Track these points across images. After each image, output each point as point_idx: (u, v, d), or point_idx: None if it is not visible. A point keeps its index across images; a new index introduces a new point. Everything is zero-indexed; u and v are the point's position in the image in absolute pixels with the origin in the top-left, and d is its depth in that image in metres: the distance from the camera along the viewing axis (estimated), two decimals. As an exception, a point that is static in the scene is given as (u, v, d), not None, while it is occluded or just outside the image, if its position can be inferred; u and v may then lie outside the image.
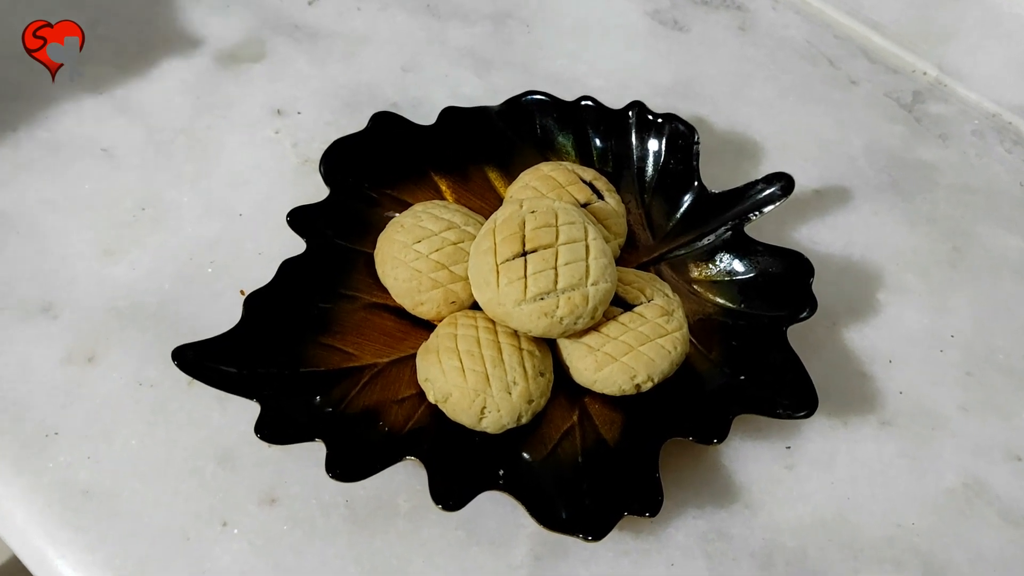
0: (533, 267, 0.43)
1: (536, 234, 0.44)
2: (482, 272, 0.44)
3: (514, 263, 0.44)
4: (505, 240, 0.44)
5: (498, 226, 0.45)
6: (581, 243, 0.44)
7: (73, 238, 0.52)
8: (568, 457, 0.45)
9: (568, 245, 0.44)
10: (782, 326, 0.48)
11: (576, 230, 0.45)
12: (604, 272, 0.44)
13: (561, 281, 0.44)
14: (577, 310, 0.44)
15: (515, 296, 0.44)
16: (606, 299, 0.45)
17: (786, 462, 0.48)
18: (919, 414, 0.50)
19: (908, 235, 0.58)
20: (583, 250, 0.44)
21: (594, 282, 0.44)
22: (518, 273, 0.43)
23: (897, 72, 0.67)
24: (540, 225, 0.45)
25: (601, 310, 0.45)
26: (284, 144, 0.58)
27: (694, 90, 0.65)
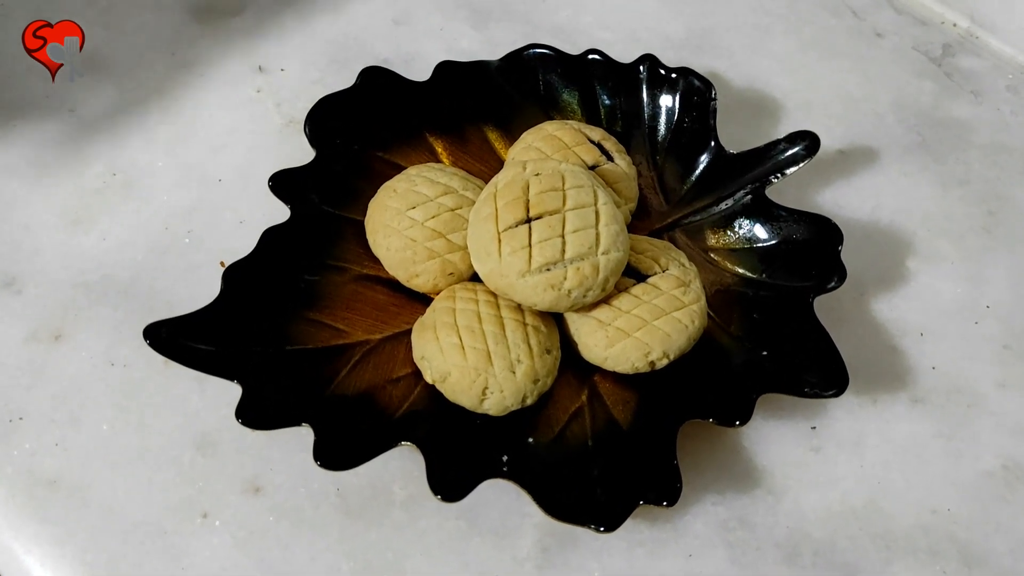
0: (538, 235, 0.41)
1: (541, 199, 0.41)
2: (482, 241, 0.42)
3: (517, 230, 0.41)
4: (507, 205, 0.41)
5: (499, 190, 0.42)
6: (590, 208, 0.41)
7: (38, 207, 0.49)
8: (577, 441, 0.42)
9: (576, 211, 0.41)
10: (808, 297, 0.45)
11: (585, 194, 0.42)
12: (616, 240, 0.41)
13: (569, 250, 0.41)
14: (587, 281, 0.41)
15: (519, 267, 0.41)
16: (618, 269, 0.42)
17: (811, 444, 0.46)
18: (953, 391, 0.48)
19: (940, 199, 0.55)
20: (592, 216, 0.41)
21: (605, 251, 0.41)
22: (522, 242, 0.41)
23: (926, 24, 0.64)
24: (545, 189, 0.41)
25: (613, 281, 0.42)
26: (266, 104, 0.55)
27: (709, 43, 0.61)
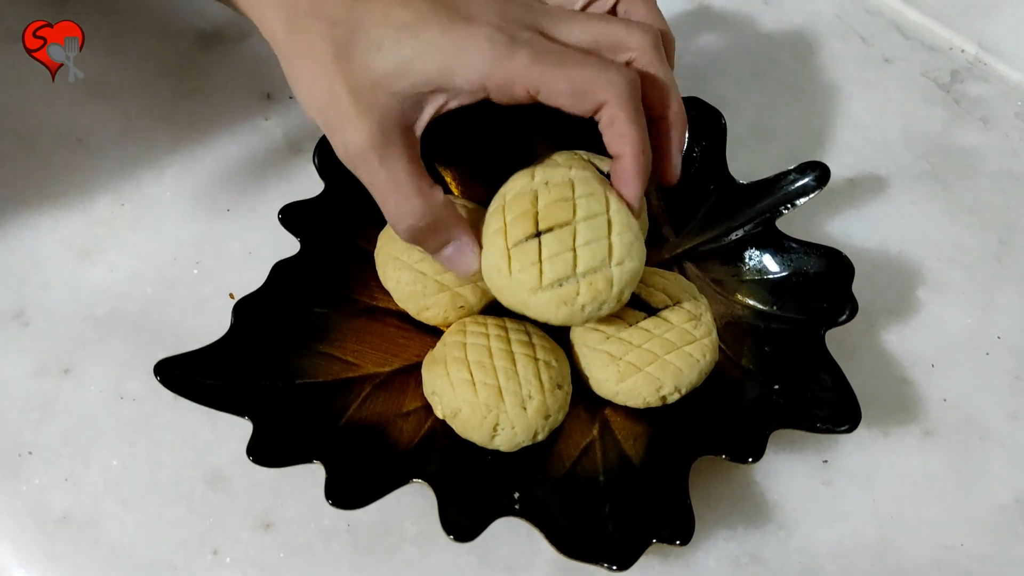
0: (549, 250, 0.39)
1: (551, 210, 0.40)
2: (492, 257, 0.41)
3: (527, 245, 0.40)
4: (516, 219, 0.40)
5: (508, 203, 0.41)
6: (602, 217, 0.40)
7: (46, 238, 0.50)
8: (588, 476, 0.42)
9: (587, 221, 0.40)
10: (819, 330, 0.45)
11: (595, 203, 0.40)
12: (630, 249, 0.40)
13: (581, 264, 0.39)
14: (600, 296, 0.40)
15: (530, 283, 0.40)
16: (633, 280, 0.41)
17: (823, 477, 0.46)
18: (965, 423, 0.48)
19: (949, 228, 0.56)
20: (604, 225, 0.40)
21: (619, 262, 0.40)
22: (532, 257, 0.39)
23: (934, 49, 0.65)
24: (555, 199, 0.40)
25: (628, 292, 0.41)
26: (275, 132, 0.55)
27: (717, 69, 0.62)
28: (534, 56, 0.37)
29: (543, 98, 0.38)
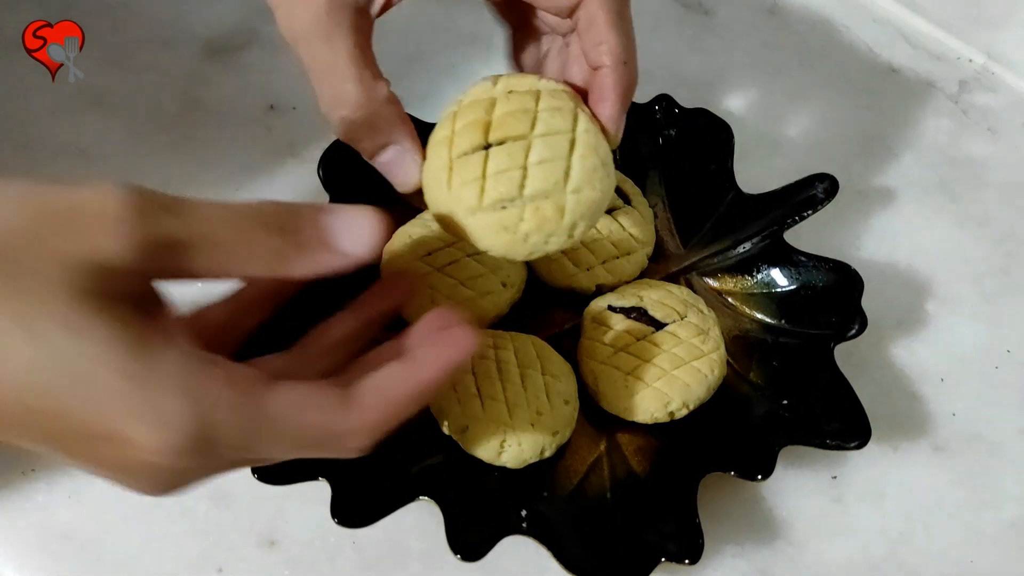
0: (496, 164, 0.33)
1: (505, 120, 0.34)
2: (433, 169, 0.35)
3: (473, 158, 0.34)
4: (466, 127, 0.34)
5: (461, 109, 0.35)
6: (565, 135, 0.34)
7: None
8: (596, 493, 0.42)
9: (546, 137, 0.34)
10: (828, 345, 0.45)
11: (560, 118, 0.34)
12: (591, 176, 0.34)
13: (529, 185, 0.33)
14: (547, 225, 0.33)
15: (469, 201, 0.34)
16: (591, 213, 0.34)
17: (832, 494, 0.46)
18: (975, 438, 0.48)
19: (958, 239, 0.56)
20: (566, 144, 0.34)
21: (576, 189, 0.33)
22: (475, 172, 0.33)
23: (941, 59, 0.65)
24: (513, 109, 0.34)
25: (583, 228, 0.34)
26: (279, 143, 0.55)
27: (723, 80, 0.62)
28: None
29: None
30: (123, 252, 0.24)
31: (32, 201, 0.24)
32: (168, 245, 0.25)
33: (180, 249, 0.26)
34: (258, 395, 0.27)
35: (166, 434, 0.25)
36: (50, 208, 0.24)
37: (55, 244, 0.24)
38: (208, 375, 0.26)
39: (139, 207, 0.25)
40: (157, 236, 0.25)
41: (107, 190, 0.25)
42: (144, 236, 0.25)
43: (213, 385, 0.26)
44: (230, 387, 0.26)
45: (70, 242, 0.24)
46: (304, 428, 0.28)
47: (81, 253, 0.24)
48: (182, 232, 0.26)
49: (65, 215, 0.24)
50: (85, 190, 0.25)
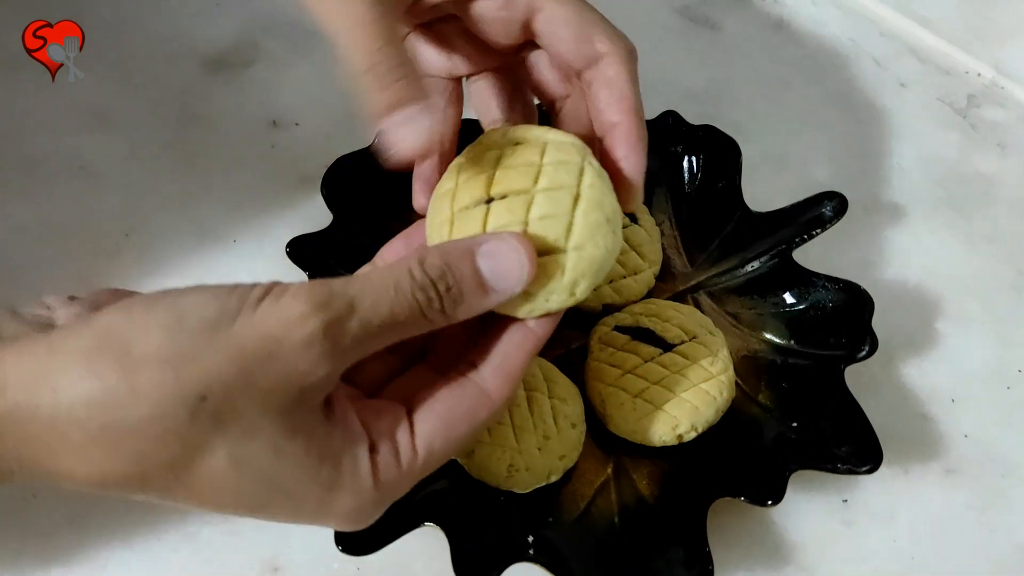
0: (496, 219, 0.32)
1: (508, 174, 0.33)
2: (435, 223, 0.34)
3: (473, 212, 0.33)
4: (468, 181, 0.34)
5: (466, 160, 0.35)
6: (568, 191, 0.32)
7: (49, 270, 0.49)
8: (603, 517, 0.42)
9: (549, 192, 0.32)
10: (839, 366, 0.45)
11: (565, 172, 0.33)
12: (595, 233, 0.32)
13: None
14: (548, 284, 0.32)
15: None
16: (593, 271, 0.33)
17: (843, 517, 0.45)
18: (987, 460, 0.48)
19: (967, 257, 0.55)
20: (569, 199, 0.32)
21: (578, 245, 0.32)
22: (475, 226, 0.32)
23: (950, 73, 0.65)
24: (518, 163, 0.33)
25: (585, 287, 0.33)
26: (282, 160, 0.55)
27: (729, 95, 0.62)
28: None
29: (541, 26, 0.36)
30: (318, 372, 0.27)
31: (231, 347, 0.26)
32: (353, 348, 0.28)
33: (361, 345, 0.28)
34: (416, 464, 0.30)
35: (352, 521, 0.30)
36: (249, 351, 0.26)
37: (261, 384, 0.27)
38: (382, 468, 0.29)
39: (325, 327, 0.27)
40: (344, 347, 0.28)
41: (293, 318, 0.27)
42: (334, 353, 0.27)
43: (386, 478, 0.29)
44: (397, 469, 0.30)
45: (272, 378, 0.27)
46: (457, 444, 0.31)
47: (282, 387, 0.27)
48: (361, 332, 0.28)
49: (263, 355, 0.26)
50: (272, 319, 0.27)
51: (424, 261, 0.29)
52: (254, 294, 0.27)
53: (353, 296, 0.28)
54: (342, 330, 0.27)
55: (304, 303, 0.27)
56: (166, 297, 0.27)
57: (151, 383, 0.25)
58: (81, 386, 0.25)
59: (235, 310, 0.27)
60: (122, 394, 0.25)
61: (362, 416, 0.30)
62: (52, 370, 0.26)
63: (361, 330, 0.28)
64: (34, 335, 0.27)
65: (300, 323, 0.27)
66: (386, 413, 0.30)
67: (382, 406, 0.31)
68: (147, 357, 0.26)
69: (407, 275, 0.29)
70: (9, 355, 0.26)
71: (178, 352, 0.26)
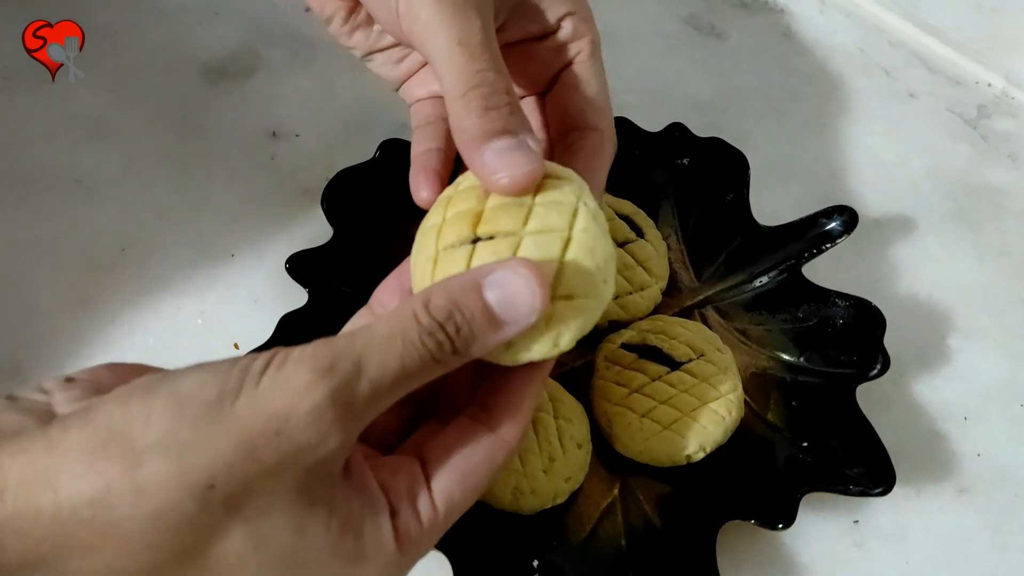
0: (480, 262, 0.30)
1: (497, 214, 0.31)
2: (419, 259, 0.32)
3: (457, 252, 0.31)
4: (456, 217, 0.31)
5: (456, 194, 0.33)
6: (558, 234, 0.30)
7: (44, 286, 0.48)
8: (610, 540, 0.41)
9: (538, 236, 0.30)
10: (849, 384, 0.44)
11: (556, 215, 0.31)
12: (584, 282, 0.30)
13: None
14: (531, 334, 0.29)
15: None
16: (580, 324, 0.30)
17: (854, 538, 0.45)
18: (1000, 479, 0.47)
19: (978, 271, 0.55)
20: (558, 245, 0.30)
21: (566, 295, 0.30)
22: (458, 267, 0.30)
23: (960, 83, 0.64)
24: (506, 202, 0.31)
25: (569, 339, 0.30)
26: (281, 172, 0.54)
27: (736, 105, 0.61)
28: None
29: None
30: (330, 444, 0.26)
31: (236, 430, 0.25)
32: (366, 410, 0.27)
33: (375, 405, 0.27)
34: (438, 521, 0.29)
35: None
36: (255, 431, 0.25)
37: (271, 463, 0.25)
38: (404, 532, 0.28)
39: (333, 394, 0.26)
40: (356, 411, 0.26)
41: (298, 389, 0.25)
42: (345, 419, 0.26)
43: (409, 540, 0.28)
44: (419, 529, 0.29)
45: (283, 456, 0.25)
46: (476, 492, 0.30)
47: (294, 462, 0.26)
48: (372, 392, 0.26)
49: (270, 433, 0.25)
50: (277, 394, 0.25)
51: (429, 303, 0.27)
52: (255, 368, 0.26)
53: (359, 354, 0.26)
54: (352, 394, 0.26)
55: (308, 371, 0.25)
56: (164, 381, 0.26)
57: (155, 476, 0.24)
58: (83, 485, 0.24)
59: (236, 388, 0.25)
60: (126, 490, 0.24)
61: (380, 478, 0.29)
62: (51, 470, 0.24)
63: (372, 390, 0.26)
64: (32, 430, 0.25)
65: (306, 394, 0.25)
66: (402, 472, 0.29)
67: (397, 464, 0.30)
68: (149, 449, 0.24)
69: (413, 322, 0.27)
70: (6, 455, 0.25)
71: (181, 441, 0.24)
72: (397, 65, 0.41)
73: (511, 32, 0.36)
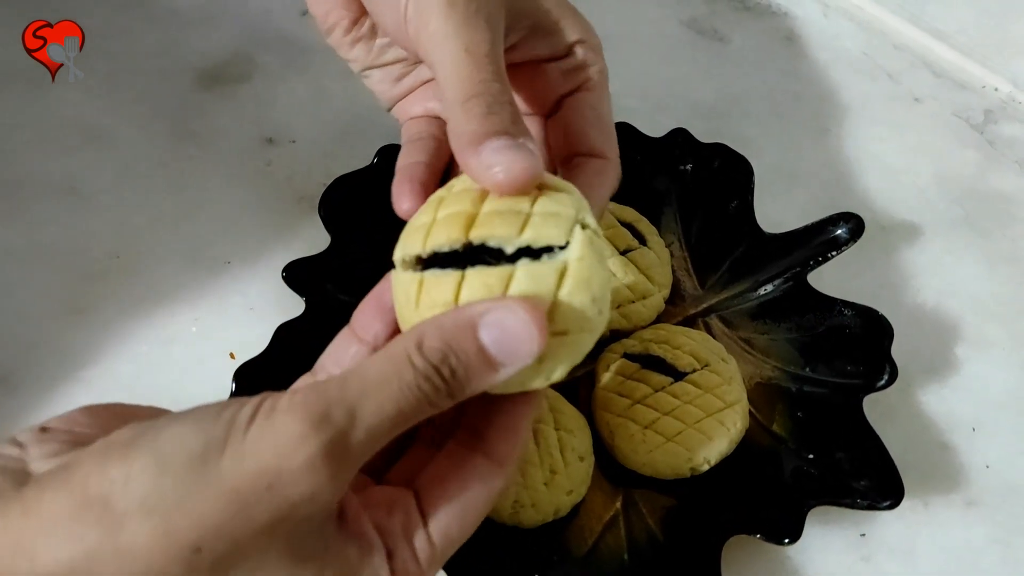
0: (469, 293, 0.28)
1: (492, 219, 0.29)
2: (403, 279, 0.30)
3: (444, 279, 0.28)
4: (448, 219, 0.30)
5: (450, 195, 0.31)
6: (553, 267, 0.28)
7: (35, 293, 0.48)
8: (612, 555, 0.41)
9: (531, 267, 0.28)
10: (856, 395, 0.44)
11: (556, 227, 0.29)
12: (579, 318, 0.28)
13: None
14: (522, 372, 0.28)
15: None
16: (572, 356, 0.29)
17: (861, 552, 0.44)
18: (1009, 491, 0.46)
19: (987, 278, 0.54)
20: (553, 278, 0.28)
21: (560, 330, 0.28)
22: (445, 296, 0.28)
23: (965, 88, 0.63)
24: (503, 208, 0.29)
25: (562, 372, 0.29)
26: (277, 178, 0.54)
27: (739, 110, 0.61)
28: None
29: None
30: (324, 496, 0.25)
31: (223, 487, 0.24)
32: (360, 457, 0.25)
33: (368, 451, 0.26)
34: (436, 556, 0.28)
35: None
36: (244, 488, 0.24)
37: (261, 519, 0.24)
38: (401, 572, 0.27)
39: (327, 447, 0.24)
40: (351, 460, 0.25)
41: (290, 442, 0.24)
42: (339, 470, 0.25)
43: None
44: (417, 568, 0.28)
45: (273, 511, 0.24)
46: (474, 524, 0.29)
47: (285, 517, 0.24)
48: (367, 439, 0.25)
49: (261, 488, 0.24)
50: (266, 446, 0.24)
51: (422, 345, 0.26)
52: (241, 417, 0.24)
53: (353, 402, 0.25)
54: (347, 444, 0.25)
55: (300, 421, 0.24)
56: (145, 435, 0.24)
57: (138, 540, 0.23)
58: (61, 552, 0.23)
59: (221, 440, 0.24)
60: (107, 556, 0.23)
61: (374, 519, 0.28)
62: (27, 536, 0.23)
63: (367, 437, 0.25)
64: (6, 492, 0.24)
65: (299, 447, 0.24)
66: (397, 509, 0.28)
67: (392, 498, 0.29)
68: (131, 511, 0.23)
69: (408, 365, 0.26)
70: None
71: (164, 501, 0.23)
72: (395, 83, 0.40)
73: (523, 52, 0.36)
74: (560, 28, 0.36)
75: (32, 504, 0.23)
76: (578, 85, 0.37)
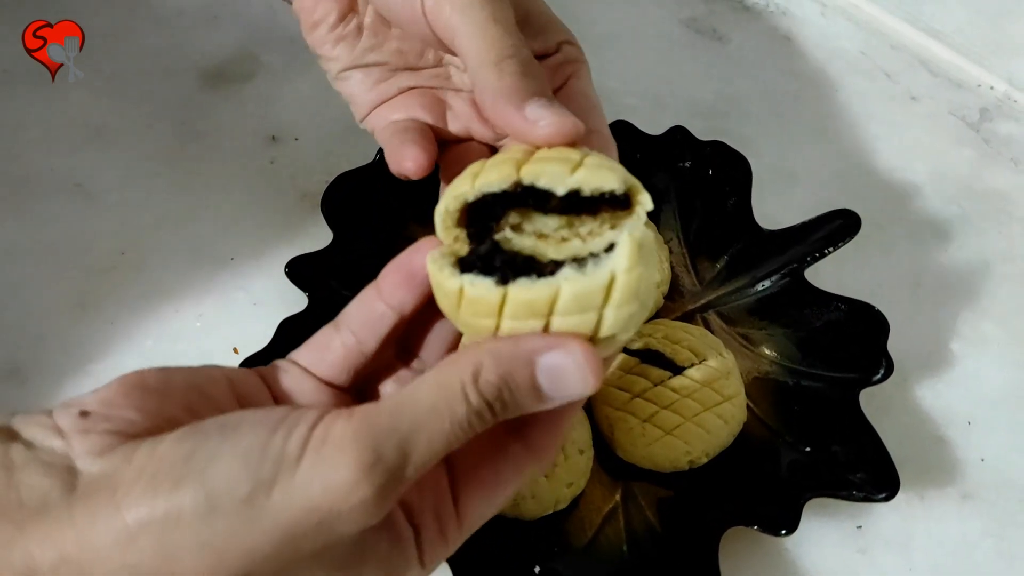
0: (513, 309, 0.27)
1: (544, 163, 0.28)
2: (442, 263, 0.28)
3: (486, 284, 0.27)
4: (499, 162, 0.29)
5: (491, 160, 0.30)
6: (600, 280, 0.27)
7: (42, 289, 0.49)
8: (612, 546, 0.41)
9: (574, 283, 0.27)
10: (852, 389, 0.44)
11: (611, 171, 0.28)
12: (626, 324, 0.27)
13: None
14: None
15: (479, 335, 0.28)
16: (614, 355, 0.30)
17: (858, 544, 0.45)
18: (1005, 485, 0.47)
19: (983, 276, 0.55)
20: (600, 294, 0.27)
21: (604, 338, 0.27)
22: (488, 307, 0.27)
23: (962, 87, 0.64)
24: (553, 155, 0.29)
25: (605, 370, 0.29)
26: (281, 176, 0.55)
27: (738, 108, 0.61)
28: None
29: None
30: (372, 522, 0.25)
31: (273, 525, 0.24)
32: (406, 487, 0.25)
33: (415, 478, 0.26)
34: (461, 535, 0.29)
35: None
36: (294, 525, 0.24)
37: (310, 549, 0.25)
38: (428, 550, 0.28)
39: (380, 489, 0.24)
40: (397, 493, 0.25)
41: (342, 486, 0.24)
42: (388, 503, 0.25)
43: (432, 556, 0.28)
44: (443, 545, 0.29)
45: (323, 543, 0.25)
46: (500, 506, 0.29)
47: (334, 544, 0.25)
48: (414, 473, 0.25)
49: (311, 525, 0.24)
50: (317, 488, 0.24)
51: (479, 379, 0.26)
52: (290, 452, 0.24)
53: (405, 436, 0.25)
54: (398, 481, 0.25)
55: (353, 465, 0.24)
56: (192, 466, 0.24)
57: (190, 572, 0.24)
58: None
59: (270, 479, 0.24)
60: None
61: (404, 496, 0.27)
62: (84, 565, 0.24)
63: (415, 472, 0.25)
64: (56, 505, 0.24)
65: (352, 491, 0.24)
66: (427, 487, 0.28)
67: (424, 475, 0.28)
68: (184, 545, 0.24)
69: (461, 400, 0.26)
70: (35, 543, 0.24)
71: (215, 538, 0.24)
72: (374, 87, 0.39)
73: None
74: (551, 27, 0.37)
75: (85, 530, 0.24)
76: (566, 79, 0.37)
